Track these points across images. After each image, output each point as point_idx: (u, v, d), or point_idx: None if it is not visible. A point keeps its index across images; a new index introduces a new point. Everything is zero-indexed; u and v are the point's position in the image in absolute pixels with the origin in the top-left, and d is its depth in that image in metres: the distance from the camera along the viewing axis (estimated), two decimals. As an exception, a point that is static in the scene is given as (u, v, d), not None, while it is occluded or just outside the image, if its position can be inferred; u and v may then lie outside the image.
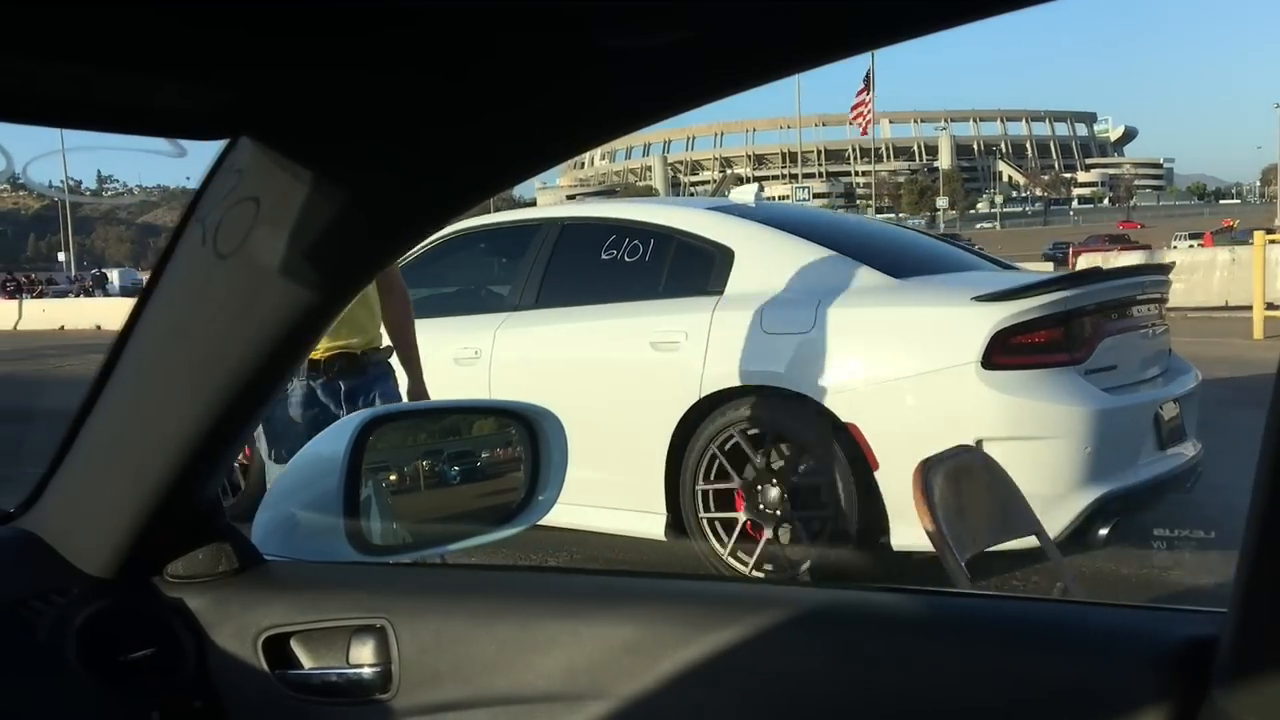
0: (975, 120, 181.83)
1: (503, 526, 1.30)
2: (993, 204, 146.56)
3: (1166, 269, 4.57)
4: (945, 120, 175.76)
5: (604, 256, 4.59)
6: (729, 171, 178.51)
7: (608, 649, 0.96)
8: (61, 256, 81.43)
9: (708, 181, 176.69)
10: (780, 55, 0.63)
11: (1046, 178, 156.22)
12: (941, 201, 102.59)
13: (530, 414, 1.36)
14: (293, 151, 0.77)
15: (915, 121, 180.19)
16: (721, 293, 4.22)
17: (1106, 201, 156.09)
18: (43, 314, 28.73)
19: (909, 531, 3.82)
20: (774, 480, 4.04)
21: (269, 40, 0.63)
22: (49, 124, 0.67)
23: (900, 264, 4.23)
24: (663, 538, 4.27)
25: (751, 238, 4.32)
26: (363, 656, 1.02)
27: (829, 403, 3.87)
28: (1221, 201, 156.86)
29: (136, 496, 0.99)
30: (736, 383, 4.07)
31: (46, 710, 0.95)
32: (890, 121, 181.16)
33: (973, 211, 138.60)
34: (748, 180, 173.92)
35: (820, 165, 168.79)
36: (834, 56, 0.62)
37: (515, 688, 0.98)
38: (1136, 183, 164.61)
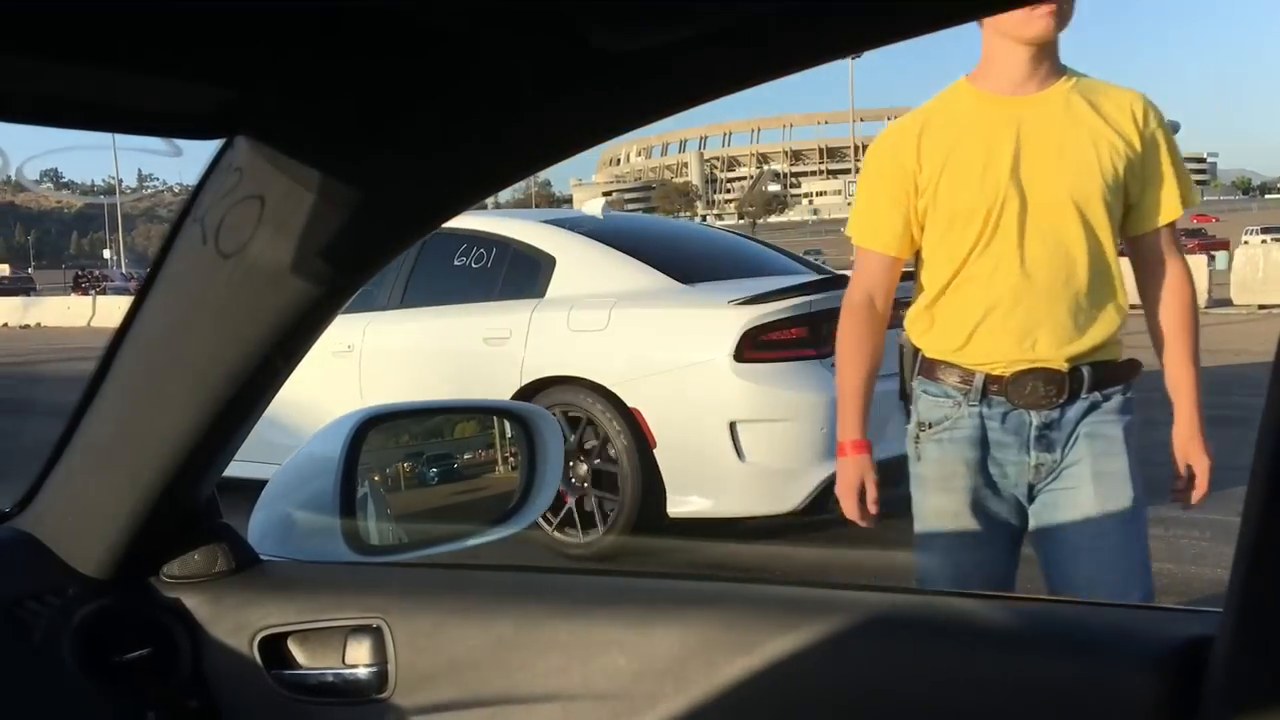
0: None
1: (500, 526, 1.30)
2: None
3: None
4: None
5: (456, 263, 5.24)
6: (765, 167, 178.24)
7: (604, 650, 0.96)
8: (107, 253, 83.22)
9: (744, 177, 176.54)
10: (779, 54, 0.63)
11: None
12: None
13: (526, 414, 1.35)
14: (292, 149, 0.77)
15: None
16: (543, 295, 4.86)
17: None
18: (120, 310, 28.46)
19: (681, 500, 4.45)
20: (580, 457, 4.67)
21: (264, 39, 0.63)
22: (45, 123, 0.68)
23: (694, 271, 4.84)
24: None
25: (571, 247, 4.95)
26: (359, 656, 1.02)
27: (618, 390, 4.48)
28: (1267, 196, 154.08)
29: (132, 496, 0.98)
30: (549, 373, 4.70)
31: (42, 711, 0.95)
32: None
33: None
34: (785, 176, 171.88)
35: (857, 160, 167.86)
36: (834, 55, 0.63)
37: (511, 688, 0.99)
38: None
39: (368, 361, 5.31)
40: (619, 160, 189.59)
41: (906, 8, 0.58)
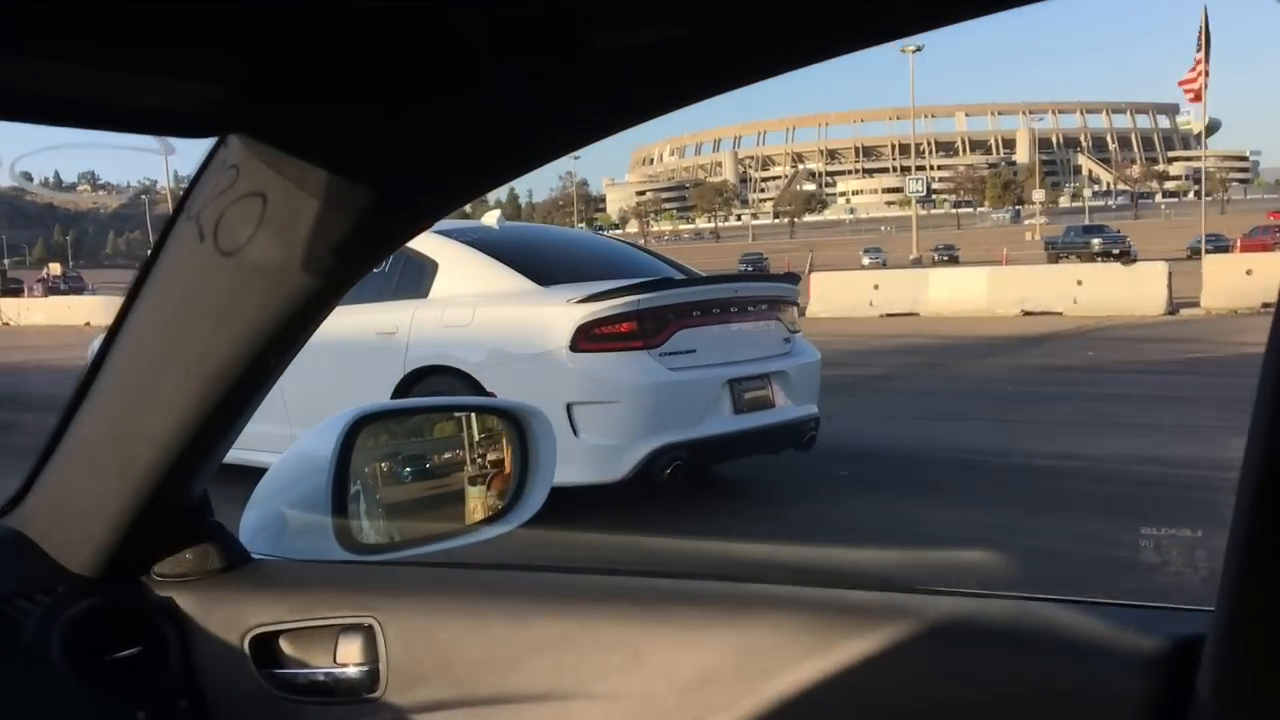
0: (1054, 112, 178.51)
1: (492, 525, 1.30)
2: (1075, 197, 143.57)
3: (779, 278, 5.78)
4: (1026, 113, 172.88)
5: (362, 266, 6.00)
6: (800, 166, 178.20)
7: (597, 648, 0.96)
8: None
9: (779, 176, 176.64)
10: (774, 53, 0.64)
11: (1133, 171, 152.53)
12: (1038, 194, 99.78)
13: (519, 412, 1.35)
14: (287, 146, 0.77)
15: (992, 114, 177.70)
16: (426, 296, 5.59)
17: (1192, 195, 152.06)
18: None
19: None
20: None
21: (259, 39, 0.64)
22: (39, 121, 0.68)
23: (554, 274, 5.52)
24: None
25: (452, 254, 5.65)
26: (350, 655, 1.03)
27: (478, 376, 5.18)
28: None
29: (123, 494, 0.98)
30: (426, 363, 5.42)
31: (32, 709, 0.95)
32: (966, 114, 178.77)
33: (1052, 206, 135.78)
34: (820, 175, 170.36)
35: (895, 159, 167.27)
36: (830, 53, 0.63)
37: (504, 687, 0.99)
38: (1224, 176, 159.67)
39: (286, 353, 6.06)
40: (652, 160, 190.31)
41: (900, 6, 0.60)
